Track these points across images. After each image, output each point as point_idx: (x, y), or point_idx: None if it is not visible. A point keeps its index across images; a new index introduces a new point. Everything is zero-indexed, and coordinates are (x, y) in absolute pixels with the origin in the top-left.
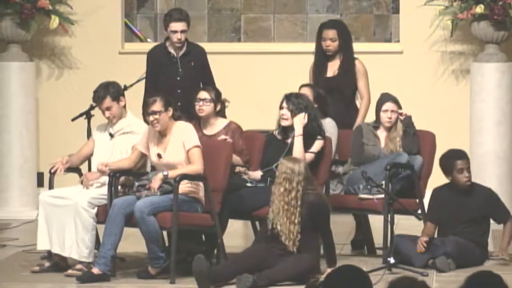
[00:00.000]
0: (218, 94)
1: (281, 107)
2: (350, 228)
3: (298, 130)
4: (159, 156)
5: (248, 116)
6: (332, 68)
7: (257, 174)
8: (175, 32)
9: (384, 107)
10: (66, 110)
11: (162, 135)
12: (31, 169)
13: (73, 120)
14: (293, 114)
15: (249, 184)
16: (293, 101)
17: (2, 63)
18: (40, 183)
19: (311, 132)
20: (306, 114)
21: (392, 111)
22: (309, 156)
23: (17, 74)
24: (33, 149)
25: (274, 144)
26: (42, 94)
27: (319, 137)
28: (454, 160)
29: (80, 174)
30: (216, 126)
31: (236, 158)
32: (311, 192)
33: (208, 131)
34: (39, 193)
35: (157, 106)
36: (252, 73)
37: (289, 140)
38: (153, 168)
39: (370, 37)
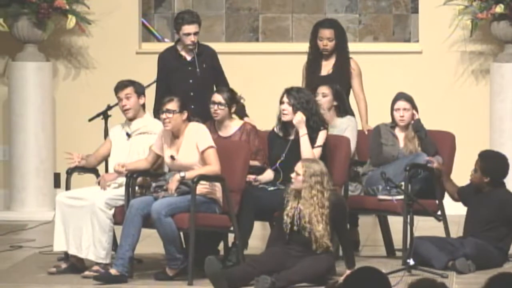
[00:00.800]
0: (232, 95)
1: (281, 102)
2: (370, 229)
3: (302, 130)
4: (172, 158)
5: (267, 116)
6: (327, 67)
7: (269, 174)
8: (188, 34)
9: (396, 106)
10: (83, 110)
11: (175, 136)
12: (48, 169)
13: (90, 120)
14: (294, 108)
15: (271, 188)
16: (294, 95)
17: (19, 63)
18: (56, 184)
19: (314, 127)
20: (303, 111)
21: (404, 109)
22: (318, 151)
23: (34, 74)
24: (50, 149)
25: (277, 142)
26: (59, 94)
27: (321, 128)
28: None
29: (97, 175)
30: (231, 127)
31: (252, 162)
32: (331, 192)
33: (223, 133)
34: (56, 194)
35: (173, 105)
36: (270, 73)
37: (291, 137)
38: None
39: (389, 37)
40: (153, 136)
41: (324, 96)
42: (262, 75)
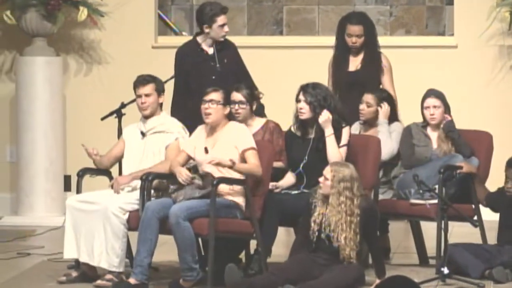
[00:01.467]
0: (251, 91)
1: (297, 100)
2: (401, 236)
3: (328, 130)
4: (206, 150)
5: (291, 115)
6: (355, 63)
7: (289, 179)
8: (223, 25)
9: (425, 104)
10: (95, 109)
11: (212, 131)
12: (57, 171)
13: (102, 119)
14: (312, 106)
15: (295, 192)
16: (311, 92)
17: (27, 58)
18: (67, 187)
19: (335, 125)
20: (321, 109)
21: (434, 107)
22: (344, 151)
23: (43, 69)
24: (60, 150)
25: (296, 143)
26: (69, 91)
27: (343, 125)
28: (507, 166)
29: (110, 178)
30: (253, 127)
31: (276, 163)
32: (361, 197)
33: None
34: (66, 197)
35: (218, 96)
36: (295, 69)
37: (310, 136)
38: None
39: (422, 30)
40: (170, 136)
41: (368, 106)
42: (286, 71)
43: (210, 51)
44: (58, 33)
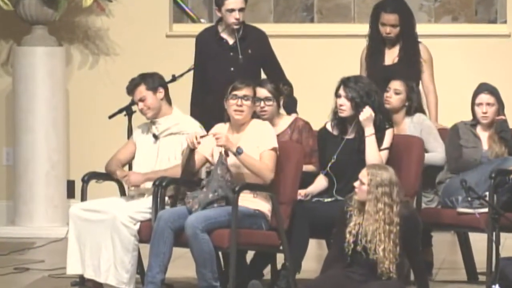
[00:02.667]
0: (276, 86)
1: (337, 95)
2: (447, 249)
3: (369, 130)
4: (225, 152)
5: (323, 112)
6: (391, 55)
7: (321, 183)
8: (232, 10)
9: (477, 100)
10: (102, 106)
11: (233, 130)
12: (60, 176)
13: (110, 117)
14: (353, 103)
15: (327, 200)
16: (353, 87)
17: (25, 48)
18: (70, 194)
19: (378, 124)
20: (363, 105)
21: (487, 104)
22: (385, 154)
23: (43, 61)
24: (62, 152)
25: (330, 142)
26: (73, 86)
27: (387, 126)
28: None
29: (120, 184)
30: (280, 125)
31: (306, 167)
32: (402, 204)
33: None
34: (69, 205)
35: (250, 91)
36: (327, 61)
37: (349, 136)
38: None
39: (471, 17)
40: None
41: (396, 94)
42: (317, 64)
43: (231, 40)
44: (60, 20)
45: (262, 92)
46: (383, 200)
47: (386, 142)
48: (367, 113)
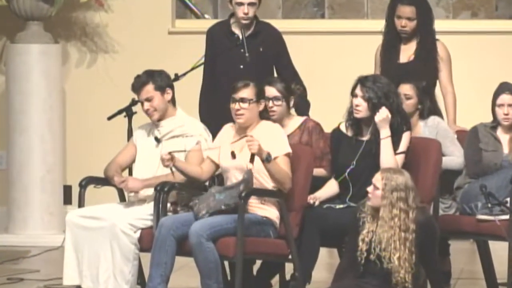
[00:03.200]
0: (287, 85)
1: (353, 94)
2: (465, 258)
3: (385, 132)
4: (233, 155)
5: (334, 112)
6: (407, 53)
7: (331, 188)
8: (241, 4)
9: (499, 101)
10: (100, 106)
11: (241, 132)
12: (56, 181)
13: (109, 118)
14: (370, 103)
15: (339, 206)
16: (370, 86)
17: (19, 46)
18: (67, 200)
19: (395, 127)
20: (387, 106)
21: (509, 105)
22: (400, 158)
23: (38, 59)
24: (58, 155)
25: (345, 144)
26: (70, 85)
27: (404, 128)
28: None
29: (119, 189)
30: (289, 126)
31: (316, 170)
32: (418, 210)
33: None
34: (66, 212)
35: (249, 92)
36: (339, 58)
37: (364, 138)
38: (213, 181)
39: (491, 13)
40: (190, 140)
41: (407, 99)
42: (329, 61)
43: (242, 34)
44: (56, 16)
45: (271, 91)
46: (398, 206)
47: (403, 145)
48: (383, 114)
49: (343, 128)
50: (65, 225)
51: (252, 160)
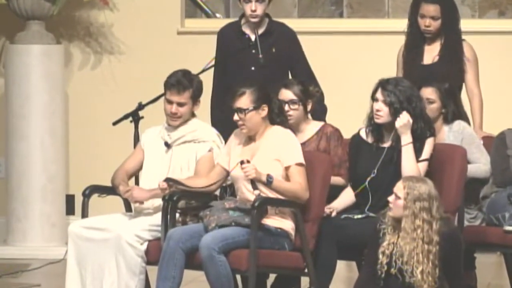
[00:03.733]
0: (305, 88)
1: (374, 99)
2: (492, 272)
3: (406, 138)
4: (242, 163)
5: (352, 117)
6: (431, 54)
7: (347, 198)
8: (249, 1)
9: None
10: (105, 111)
11: (250, 139)
12: (58, 190)
13: (115, 124)
14: (391, 108)
15: (358, 216)
16: (391, 90)
17: (19, 47)
18: (69, 210)
19: (418, 133)
20: (409, 111)
21: None
22: (423, 166)
23: (39, 60)
24: (60, 163)
25: (365, 150)
26: (73, 88)
27: (428, 134)
28: None
29: (125, 199)
30: (306, 132)
31: (333, 179)
32: (442, 221)
33: (298, 139)
34: (69, 223)
35: (245, 101)
36: (359, 59)
37: (386, 145)
38: (225, 190)
39: None
40: (202, 146)
41: (430, 103)
42: (347, 63)
43: (254, 36)
44: (58, 15)
45: (287, 94)
46: (421, 217)
47: (426, 152)
48: (404, 119)
49: (363, 134)
50: (68, 237)
51: (254, 186)
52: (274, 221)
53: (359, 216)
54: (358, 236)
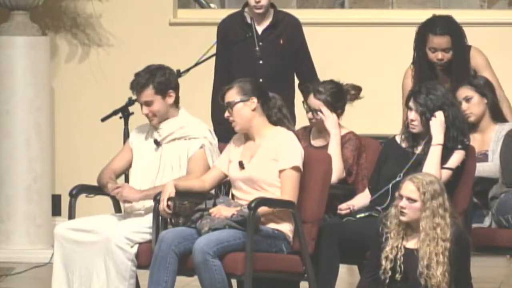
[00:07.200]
0: (334, 99)
1: (408, 107)
2: (501, 275)
3: (437, 138)
4: (241, 165)
5: (352, 113)
6: (445, 82)
7: (364, 197)
8: None
9: None
10: (93, 106)
11: (250, 139)
12: (43, 190)
13: (103, 120)
14: (423, 118)
15: (361, 215)
16: (422, 100)
17: (3, 38)
18: (56, 211)
19: (449, 144)
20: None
21: None
22: (446, 174)
23: (24, 53)
24: (46, 161)
25: (396, 154)
26: (59, 83)
27: (459, 146)
28: None
29: (114, 199)
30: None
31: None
32: (452, 218)
33: (317, 142)
34: (55, 224)
35: (231, 95)
36: (360, 52)
37: (418, 150)
38: (220, 189)
39: None
40: (193, 143)
41: (467, 100)
42: (349, 55)
43: (259, 28)
44: (44, 5)
45: (315, 103)
46: (439, 213)
47: (452, 162)
48: (438, 120)
49: (398, 139)
50: (54, 239)
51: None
52: (271, 223)
53: (361, 214)
54: (359, 237)
